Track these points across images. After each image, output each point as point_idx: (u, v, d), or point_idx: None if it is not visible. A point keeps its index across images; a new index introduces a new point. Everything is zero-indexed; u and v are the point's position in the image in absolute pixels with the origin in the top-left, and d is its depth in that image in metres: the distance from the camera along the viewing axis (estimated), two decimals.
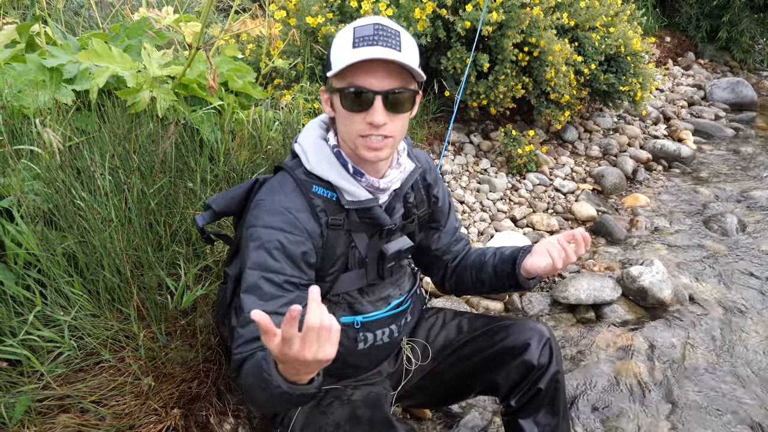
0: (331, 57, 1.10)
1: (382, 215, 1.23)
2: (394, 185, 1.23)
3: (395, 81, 1.06)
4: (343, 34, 1.09)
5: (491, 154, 3.53)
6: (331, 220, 1.18)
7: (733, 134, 4.73)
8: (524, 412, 1.40)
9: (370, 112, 1.06)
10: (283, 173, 1.21)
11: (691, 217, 3.29)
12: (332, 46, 1.11)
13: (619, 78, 3.63)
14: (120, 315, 1.44)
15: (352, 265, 1.26)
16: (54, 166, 1.44)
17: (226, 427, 1.51)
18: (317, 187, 1.17)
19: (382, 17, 1.10)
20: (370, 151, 1.11)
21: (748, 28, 6.25)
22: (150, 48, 1.86)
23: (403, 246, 1.29)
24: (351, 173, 1.17)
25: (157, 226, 1.59)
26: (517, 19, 2.97)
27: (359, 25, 1.07)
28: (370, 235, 1.25)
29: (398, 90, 1.07)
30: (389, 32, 1.06)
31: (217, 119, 1.99)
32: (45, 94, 1.62)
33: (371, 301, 1.31)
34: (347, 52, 1.05)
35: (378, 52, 1.03)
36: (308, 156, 1.18)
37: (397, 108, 1.08)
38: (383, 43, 1.04)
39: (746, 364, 2.14)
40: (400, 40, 1.07)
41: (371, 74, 1.05)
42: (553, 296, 2.45)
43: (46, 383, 1.26)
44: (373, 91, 1.05)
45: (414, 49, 1.10)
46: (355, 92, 1.06)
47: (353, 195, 1.17)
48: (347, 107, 1.08)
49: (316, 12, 2.73)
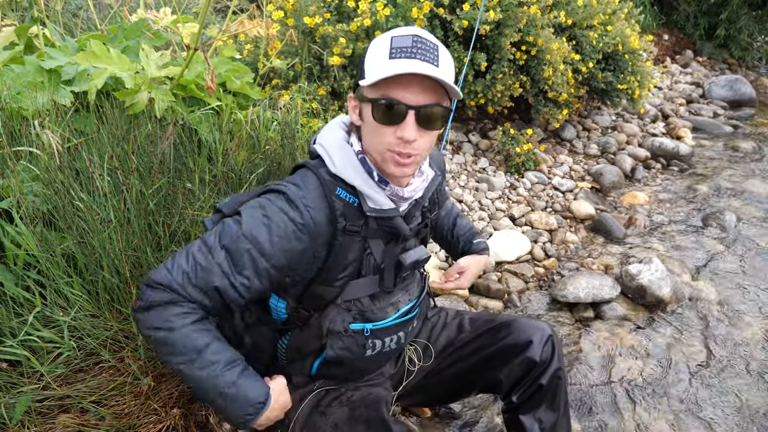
0: (365, 65, 1.07)
1: (402, 225, 1.20)
2: (417, 194, 1.21)
3: (430, 97, 1.04)
4: (380, 43, 1.06)
5: (489, 153, 3.54)
6: (348, 226, 1.15)
7: (732, 131, 4.74)
8: (525, 408, 1.41)
9: (402, 127, 1.04)
10: (305, 170, 1.17)
11: (689, 215, 3.30)
12: (367, 53, 1.08)
13: (617, 76, 3.64)
14: (119, 315, 1.44)
15: (366, 272, 1.24)
16: (53, 168, 1.44)
17: (225, 426, 1.52)
18: (341, 190, 1.14)
19: (420, 29, 1.07)
20: (397, 167, 1.09)
21: (746, 26, 6.26)
22: (148, 49, 1.86)
23: (420, 257, 1.28)
24: (376, 181, 1.14)
25: (156, 227, 1.59)
26: (514, 18, 2.98)
27: (397, 35, 1.04)
28: (386, 242, 1.24)
29: (432, 106, 1.04)
30: (428, 45, 1.03)
31: (216, 120, 2.00)
32: (44, 96, 1.62)
33: (382, 307, 1.29)
34: (384, 63, 1.02)
35: (416, 66, 1.00)
36: (333, 158, 1.15)
37: (428, 124, 1.05)
38: (421, 57, 1.01)
39: (745, 361, 2.14)
40: (438, 55, 1.04)
41: (406, 88, 1.02)
42: (552, 294, 2.45)
43: (46, 383, 1.27)
44: (407, 105, 1.02)
45: (451, 65, 1.07)
46: (388, 105, 1.03)
47: (376, 203, 1.15)
48: (378, 119, 1.05)
49: (313, 12, 2.73)
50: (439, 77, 1.01)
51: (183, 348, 1.06)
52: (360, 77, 1.09)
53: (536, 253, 2.75)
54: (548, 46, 3.12)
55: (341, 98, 2.84)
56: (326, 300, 1.24)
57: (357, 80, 1.10)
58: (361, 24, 2.72)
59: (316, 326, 1.28)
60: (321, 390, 1.38)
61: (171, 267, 1.09)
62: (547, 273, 2.65)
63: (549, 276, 2.63)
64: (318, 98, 2.70)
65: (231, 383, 1.08)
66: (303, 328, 1.30)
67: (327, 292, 1.22)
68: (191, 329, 1.07)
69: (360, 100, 1.11)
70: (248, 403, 1.10)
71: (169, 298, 1.07)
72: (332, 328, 1.26)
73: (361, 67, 1.09)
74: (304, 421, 1.32)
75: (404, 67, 1.00)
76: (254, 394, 1.11)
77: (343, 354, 1.29)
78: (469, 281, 1.60)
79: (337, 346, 1.27)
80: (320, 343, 1.29)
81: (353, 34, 2.75)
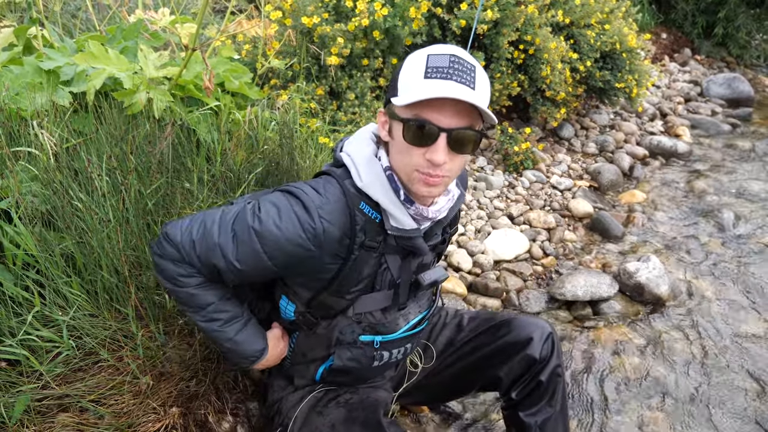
0: (399, 82, 1.04)
1: (422, 245, 1.18)
2: (441, 215, 1.18)
3: (463, 120, 1.00)
4: (416, 60, 1.02)
5: (488, 152, 3.54)
6: (367, 242, 1.13)
7: (730, 130, 4.75)
8: (524, 405, 1.42)
9: (432, 149, 1.01)
10: (330, 179, 1.14)
11: (687, 213, 3.31)
12: (402, 69, 1.04)
13: (614, 75, 3.64)
14: (118, 315, 1.45)
15: (381, 286, 1.23)
16: (52, 168, 1.45)
17: (224, 425, 1.52)
18: (364, 205, 1.11)
19: (458, 48, 1.03)
20: (425, 186, 1.06)
21: (744, 24, 6.27)
22: (146, 49, 1.87)
23: (439, 277, 1.26)
24: (402, 200, 1.11)
25: (155, 227, 1.60)
26: (512, 17, 2.98)
27: (434, 54, 1.01)
28: (403, 257, 1.22)
29: (465, 129, 1.01)
30: (465, 66, 0.99)
31: (214, 120, 2.00)
32: (42, 97, 1.62)
33: (393, 319, 1.28)
34: (418, 82, 0.99)
35: (451, 88, 0.97)
36: (360, 173, 1.11)
37: (460, 148, 1.02)
38: (457, 78, 0.98)
39: (743, 359, 2.15)
40: (475, 77, 1.00)
41: (440, 110, 0.99)
42: (551, 293, 2.46)
43: (45, 383, 1.27)
44: (439, 127, 0.99)
45: (487, 87, 1.04)
46: (419, 126, 1.00)
47: (399, 222, 1.12)
48: (409, 140, 1.02)
49: (311, 12, 2.73)
50: (475, 102, 0.97)
51: (188, 302, 1.19)
52: (392, 93, 1.05)
53: (535, 252, 2.75)
54: (546, 45, 3.13)
55: (339, 98, 2.84)
56: (335, 310, 1.24)
57: (389, 96, 1.07)
58: (359, 24, 2.73)
59: (325, 335, 1.28)
60: (321, 390, 1.38)
61: (185, 228, 1.15)
62: (545, 271, 2.66)
63: (547, 274, 2.64)
64: (316, 98, 2.71)
65: (230, 339, 1.23)
66: (310, 335, 1.31)
67: (337, 303, 1.23)
68: (194, 290, 1.18)
69: (391, 117, 1.07)
70: (246, 355, 1.27)
71: (177, 256, 1.15)
72: (341, 339, 1.27)
73: (394, 83, 1.05)
74: (302, 421, 1.33)
75: (439, 90, 0.96)
76: (252, 349, 1.27)
77: (351, 364, 1.29)
78: None
79: (345, 356, 1.28)
80: (327, 351, 1.30)
81: (351, 34, 2.75)
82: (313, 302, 1.24)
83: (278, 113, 2.22)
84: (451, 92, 0.96)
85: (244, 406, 1.61)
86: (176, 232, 1.14)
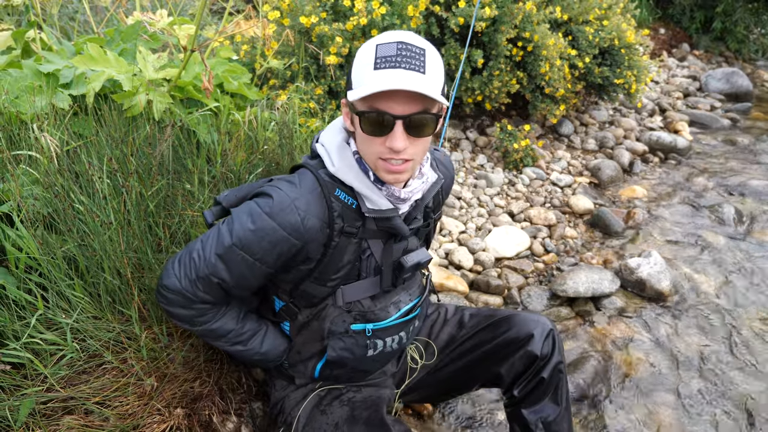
0: (352, 75, 1.06)
1: (400, 225, 1.20)
2: (416, 196, 1.20)
3: (417, 105, 1.01)
4: (366, 52, 1.03)
5: (487, 150, 3.54)
6: (346, 228, 1.15)
7: (729, 124, 4.75)
8: (527, 402, 1.42)
9: (390, 137, 1.02)
10: (304, 171, 1.17)
11: (688, 208, 3.31)
12: (354, 62, 1.06)
13: (613, 71, 3.64)
14: (121, 317, 1.45)
15: (366, 273, 1.24)
16: (52, 171, 1.45)
17: (228, 426, 1.52)
18: (339, 191, 1.14)
19: (407, 33, 1.03)
20: (390, 174, 1.09)
21: (742, 18, 6.27)
22: (145, 51, 1.87)
23: (421, 259, 1.27)
24: (372, 181, 1.13)
25: (156, 228, 1.60)
26: (510, 14, 2.98)
27: (382, 43, 1.01)
28: (385, 241, 1.23)
29: (419, 114, 1.02)
30: (413, 52, 1.00)
31: (214, 121, 2.00)
32: (42, 100, 1.62)
33: (383, 307, 1.29)
34: (369, 74, 1.00)
35: (400, 78, 0.97)
36: (333, 159, 1.14)
37: (418, 132, 1.04)
38: (406, 65, 0.98)
39: (745, 353, 2.15)
40: (425, 61, 1.00)
41: (392, 98, 1.00)
42: (552, 289, 2.46)
43: (50, 385, 1.27)
44: (394, 115, 1.00)
45: (439, 69, 1.04)
46: (375, 117, 1.02)
47: (374, 204, 1.14)
48: (367, 131, 1.05)
49: (309, 12, 2.73)
50: (423, 90, 0.97)
51: (209, 335, 1.28)
52: (348, 87, 1.07)
53: (535, 249, 2.76)
54: (544, 42, 3.13)
55: (338, 97, 2.84)
56: (318, 298, 1.25)
57: (346, 89, 1.10)
58: (357, 23, 2.73)
59: (317, 328, 1.29)
60: (323, 389, 1.39)
61: (178, 273, 1.18)
62: (546, 268, 2.66)
63: (548, 271, 2.64)
64: (315, 98, 2.70)
65: (257, 353, 1.33)
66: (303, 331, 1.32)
67: (319, 291, 1.24)
68: (213, 325, 1.25)
69: (350, 109, 1.09)
70: (273, 358, 1.36)
71: (183, 301, 1.20)
72: (333, 330, 1.27)
73: (349, 76, 1.08)
74: (305, 420, 1.33)
75: (388, 82, 0.97)
76: (278, 351, 1.36)
77: (345, 355, 1.29)
78: None
79: (338, 346, 1.28)
80: (321, 345, 1.30)
81: (349, 33, 2.75)
82: (295, 291, 1.26)
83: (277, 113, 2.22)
84: (399, 83, 0.97)
85: (248, 407, 1.61)
86: (173, 281, 1.18)
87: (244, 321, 1.31)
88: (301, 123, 2.32)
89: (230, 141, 1.99)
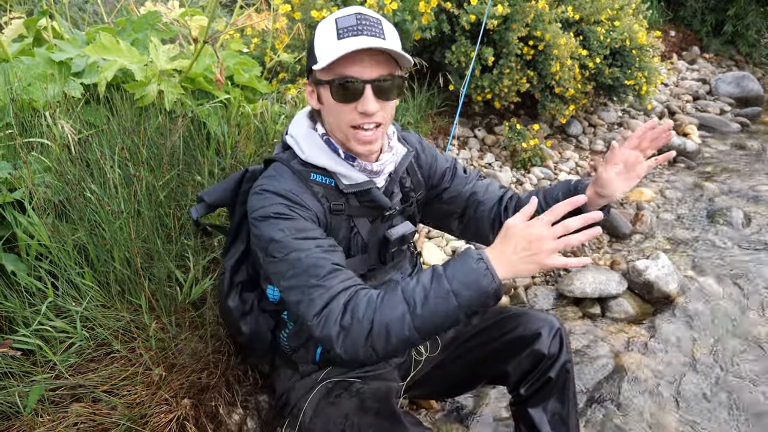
0: (315, 50, 1.10)
1: (380, 197, 1.23)
2: (388, 168, 1.24)
3: (383, 69, 1.08)
4: (325, 26, 1.09)
5: (496, 149, 3.53)
6: (333, 206, 1.19)
7: (739, 129, 4.71)
8: (533, 401, 1.41)
9: (361, 102, 1.07)
10: (277, 164, 1.21)
11: (696, 212, 3.29)
12: (315, 38, 1.11)
13: (624, 72, 3.62)
14: (130, 306, 1.45)
15: (355, 251, 1.26)
16: (64, 159, 1.45)
17: (234, 417, 1.53)
18: (315, 175, 1.18)
19: (361, 7, 1.11)
20: (362, 145, 1.13)
21: (753, 22, 6.22)
22: (157, 42, 1.87)
23: (406, 231, 1.30)
24: (343, 158, 1.18)
25: (166, 219, 1.60)
26: (521, 13, 2.97)
27: (341, 16, 1.08)
28: (372, 220, 1.26)
29: (387, 77, 1.08)
30: (371, 21, 1.07)
31: (224, 113, 2.00)
32: (54, 88, 1.63)
33: (374, 285, 1.30)
34: (333, 44, 1.06)
35: (365, 41, 1.03)
36: (301, 146, 1.19)
37: (386, 95, 1.09)
38: (368, 32, 1.05)
39: (751, 357, 2.14)
40: (383, 28, 1.08)
41: (359, 64, 1.06)
42: (559, 289, 2.45)
43: (59, 373, 1.27)
44: (363, 80, 1.06)
45: (396, 36, 1.12)
46: (345, 83, 1.06)
47: (350, 179, 1.19)
48: (338, 99, 1.09)
49: (321, 5, 2.72)
50: (391, 48, 1.04)
51: (392, 316, 0.98)
52: (312, 62, 1.11)
53: None
54: (555, 41, 3.11)
55: None
56: None
57: (309, 66, 1.13)
58: None
59: None
60: (330, 381, 1.38)
61: (304, 309, 1.04)
62: (553, 269, 2.65)
63: (555, 271, 2.63)
64: None
65: (447, 289, 0.97)
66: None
67: None
68: (379, 304, 1.00)
69: (316, 84, 1.13)
70: (472, 269, 0.97)
71: (338, 311, 1.01)
72: None
73: (312, 52, 1.12)
74: (313, 411, 1.32)
75: (354, 44, 1.03)
76: (467, 261, 0.98)
77: None
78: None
79: None
80: None
81: None
82: None
83: (287, 107, 2.22)
84: (365, 44, 1.02)
85: (253, 399, 1.61)
86: (314, 322, 1.02)
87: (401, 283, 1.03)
88: None
89: (240, 133, 1.99)
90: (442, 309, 0.97)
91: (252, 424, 1.54)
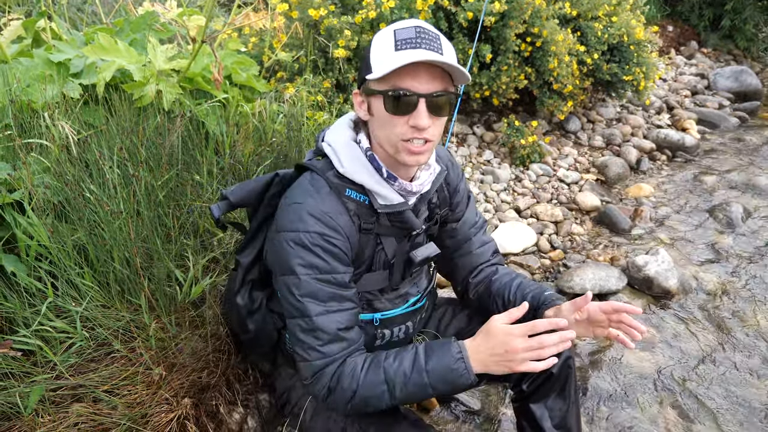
0: (371, 60, 1.08)
1: (412, 219, 1.22)
2: (425, 188, 1.22)
3: (438, 84, 1.06)
4: (383, 37, 1.07)
5: (494, 146, 3.53)
6: (363, 224, 1.17)
7: (738, 123, 4.72)
8: (535, 397, 1.42)
9: (414, 116, 1.05)
10: (313, 174, 1.18)
11: (695, 207, 3.29)
12: (371, 48, 1.09)
13: (622, 67, 3.62)
14: (130, 306, 1.45)
15: (377, 267, 1.26)
16: (63, 160, 1.45)
17: (235, 416, 1.53)
18: (350, 191, 1.15)
19: (419, 20, 1.10)
20: (411, 155, 1.09)
21: (751, 16, 6.21)
22: (155, 42, 1.86)
23: (431, 253, 1.30)
24: (384, 177, 1.15)
25: (165, 219, 1.60)
26: (519, 9, 2.96)
27: (400, 28, 1.06)
28: (399, 240, 1.26)
29: (441, 93, 1.06)
30: (430, 35, 1.05)
31: (222, 112, 2.00)
32: (53, 88, 1.63)
33: (390, 299, 1.31)
34: (390, 55, 1.04)
35: (423, 55, 1.02)
36: (341, 159, 1.15)
37: (439, 111, 1.07)
38: (426, 46, 1.03)
39: (752, 353, 2.14)
40: (441, 44, 1.06)
41: (415, 77, 1.04)
42: (558, 286, 2.46)
43: (59, 373, 1.28)
44: (418, 94, 1.04)
45: (453, 53, 1.10)
46: (399, 95, 1.04)
47: (386, 199, 1.16)
48: (390, 110, 1.06)
49: (318, 4, 2.72)
50: (448, 61, 1.03)
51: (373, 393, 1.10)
52: (366, 72, 1.09)
53: (542, 245, 2.75)
54: (553, 38, 3.11)
55: (346, 91, 2.83)
56: None
57: (362, 76, 1.11)
58: (366, 16, 2.72)
59: None
60: None
61: (300, 361, 1.14)
62: (553, 265, 2.65)
63: (555, 268, 2.63)
64: (323, 91, 2.70)
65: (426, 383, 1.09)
66: None
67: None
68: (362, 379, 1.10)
69: (368, 94, 1.11)
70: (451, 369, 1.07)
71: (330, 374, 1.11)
72: None
73: (367, 62, 1.10)
74: (314, 410, 1.33)
75: (412, 57, 1.01)
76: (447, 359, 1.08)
77: None
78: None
79: None
80: None
81: (358, 27, 2.74)
82: None
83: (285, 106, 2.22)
84: (423, 57, 1.01)
85: (254, 398, 1.61)
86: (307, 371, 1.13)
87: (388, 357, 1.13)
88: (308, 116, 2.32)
89: (239, 133, 1.99)
90: (419, 395, 1.11)
91: (252, 423, 1.55)
